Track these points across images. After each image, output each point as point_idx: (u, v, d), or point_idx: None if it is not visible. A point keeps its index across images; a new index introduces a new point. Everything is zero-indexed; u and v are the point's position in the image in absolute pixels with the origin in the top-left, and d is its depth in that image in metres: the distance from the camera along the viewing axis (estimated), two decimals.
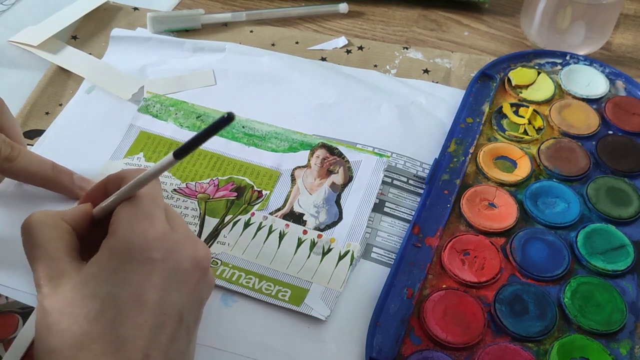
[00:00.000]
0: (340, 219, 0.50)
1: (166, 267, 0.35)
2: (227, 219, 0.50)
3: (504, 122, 0.58)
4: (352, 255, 0.48)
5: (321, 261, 0.47)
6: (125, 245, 0.34)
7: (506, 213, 0.50)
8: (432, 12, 0.71)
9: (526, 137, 0.56)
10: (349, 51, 0.65)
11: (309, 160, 0.54)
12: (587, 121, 0.58)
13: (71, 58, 0.62)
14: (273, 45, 0.66)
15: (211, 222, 0.49)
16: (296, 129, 0.56)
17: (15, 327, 0.42)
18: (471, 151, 0.55)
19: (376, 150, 0.55)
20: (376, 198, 0.51)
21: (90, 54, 0.63)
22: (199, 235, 0.48)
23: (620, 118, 0.58)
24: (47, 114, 0.57)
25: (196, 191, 0.51)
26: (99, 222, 0.39)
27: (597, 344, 0.44)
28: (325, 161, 0.54)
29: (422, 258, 0.48)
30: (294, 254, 0.48)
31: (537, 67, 0.63)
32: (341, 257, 0.48)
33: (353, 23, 0.70)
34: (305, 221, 0.50)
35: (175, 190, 0.51)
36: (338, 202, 0.51)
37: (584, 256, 0.48)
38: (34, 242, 0.36)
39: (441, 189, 0.52)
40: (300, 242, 0.48)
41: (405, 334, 0.44)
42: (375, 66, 0.64)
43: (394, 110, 0.59)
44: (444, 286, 0.46)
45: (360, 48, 0.66)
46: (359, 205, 0.51)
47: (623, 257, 0.48)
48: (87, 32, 0.66)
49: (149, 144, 0.55)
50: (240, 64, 0.62)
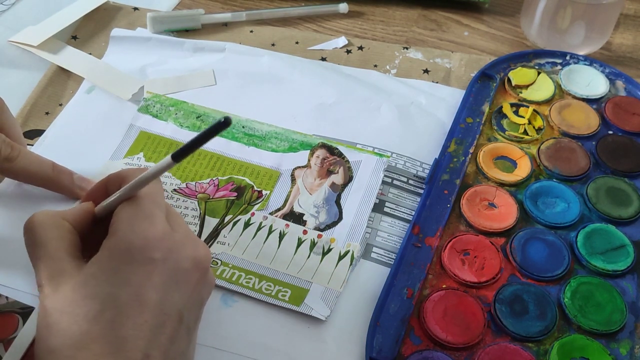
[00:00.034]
0: (340, 219, 0.50)
1: (166, 267, 0.35)
2: (227, 219, 0.50)
3: (504, 122, 0.58)
4: (352, 255, 0.48)
5: (321, 261, 0.47)
6: (125, 245, 0.35)
7: (506, 213, 0.50)
8: (432, 12, 0.71)
9: (526, 137, 0.56)
10: (349, 51, 0.65)
11: (309, 160, 0.54)
12: (587, 121, 0.58)
13: (71, 58, 0.62)
14: (273, 45, 0.66)
15: (211, 222, 0.49)
16: (296, 129, 0.56)
17: (15, 327, 0.42)
18: (471, 151, 0.55)
19: (376, 150, 0.55)
20: (376, 198, 0.51)
21: (90, 54, 0.63)
22: (199, 235, 0.48)
23: (620, 118, 0.58)
24: (47, 114, 0.57)
25: (196, 191, 0.51)
26: (101, 220, 0.39)
27: (597, 344, 0.43)
28: (325, 161, 0.54)
29: (422, 258, 0.48)
30: (294, 254, 0.48)
31: (537, 67, 0.63)
32: (341, 257, 0.48)
33: (353, 23, 0.69)
34: (305, 221, 0.50)
35: (175, 190, 0.51)
36: (338, 202, 0.51)
37: (584, 256, 0.48)
38: (36, 242, 0.36)
39: (441, 189, 0.52)
40: (300, 242, 0.48)
41: (405, 334, 0.44)
42: (375, 66, 0.64)
43: (394, 110, 0.59)
44: (444, 286, 0.46)
45: (360, 48, 0.66)
46: (359, 205, 0.51)
47: (623, 257, 0.48)
48: (87, 32, 0.66)
49: (149, 144, 0.55)
50: (240, 64, 0.62)
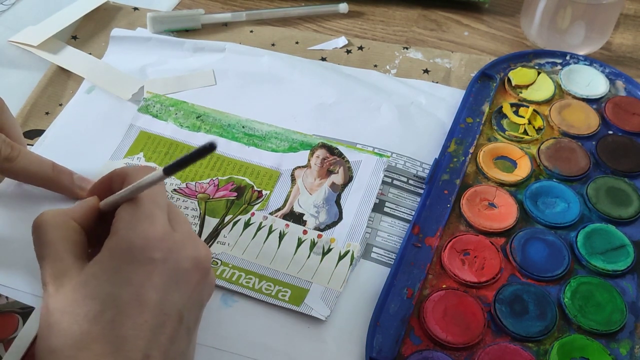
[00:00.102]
0: (340, 219, 0.50)
1: (166, 267, 0.35)
2: (227, 219, 0.50)
3: (504, 122, 0.58)
4: (352, 255, 0.48)
5: (321, 261, 0.47)
6: (126, 245, 0.35)
7: (506, 213, 0.50)
8: (432, 12, 0.71)
9: (526, 137, 0.56)
10: (349, 51, 0.65)
11: (309, 160, 0.54)
12: (587, 121, 0.58)
13: (71, 58, 0.62)
14: (273, 45, 0.66)
15: (211, 222, 0.49)
16: (296, 129, 0.56)
17: (15, 327, 0.42)
18: (471, 151, 0.55)
19: (376, 150, 0.55)
20: (376, 198, 0.51)
21: (90, 54, 0.63)
22: (199, 236, 0.48)
23: (620, 118, 0.58)
24: (47, 114, 0.57)
25: (196, 191, 0.51)
26: (106, 215, 0.39)
27: (597, 344, 0.43)
28: (325, 161, 0.54)
29: (422, 258, 0.48)
30: (294, 254, 0.48)
31: (537, 67, 0.63)
32: (341, 257, 0.48)
33: (353, 23, 0.69)
34: (305, 221, 0.50)
35: (175, 190, 0.51)
36: (338, 202, 0.51)
37: (584, 256, 0.48)
38: (42, 242, 0.37)
39: (441, 189, 0.52)
40: (300, 242, 0.48)
41: (405, 334, 0.44)
42: (375, 66, 0.64)
43: (394, 110, 0.59)
44: (444, 286, 0.46)
45: (360, 48, 0.66)
46: (359, 205, 0.51)
47: (623, 257, 0.48)
48: (87, 32, 0.66)
49: (149, 144, 0.55)
50: (240, 64, 0.62)
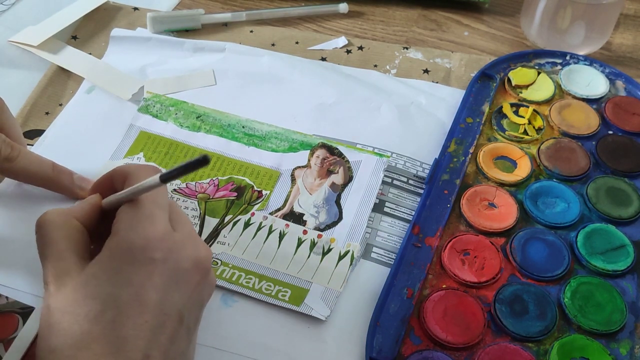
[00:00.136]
0: (340, 219, 0.50)
1: (166, 268, 0.35)
2: (227, 219, 0.50)
3: (504, 122, 0.58)
4: (352, 255, 0.48)
5: (321, 261, 0.47)
6: (126, 245, 0.35)
7: (506, 213, 0.50)
8: (432, 12, 0.71)
9: (526, 137, 0.56)
10: (349, 51, 0.65)
11: (309, 160, 0.54)
12: (587, 121, 0.58)
13: (71, 58, 0.62)
14: (273, 45, 0.66)
15: (211, 222, 0.49)
16: (296, 129, 0.56)
17: (15, 327, 0.42)
18: (471, 151, 0.55)
19: (376, 150, 0.55)
20: (376, 198, 0.51)
21: (90, 54, 0.63)
22: (199, 236, 0.48)
23: (620, 118, 0.58)
24: (47, 114, 0.57)
25: (196, 191, 0.51)
26: (108, 213, 0.40)
27: (597, 344, 0.44)
28: (325, 161, 0.54)
29: (422, 258, 0.48)
30: (294, 254, 0.48)
31: (537, 67, 0.63)
32: (341, 257, 0.48)
33: (353, 23, 0.69)
34: (305, 221, 0.50)
35: (175, 190, 0.51)
36: (338, 202, 0.51)
37: (584, 256, 0.48)
38: (45, 241, 0.37)
39: (441, 189, 0.52)
40: (300, 242, 0.48)
41: (405, 334, 0.44)
42: (375, 66, 0.64)
43: (394, 110, 0.59)
44: (444, 286, 0.46)
45: (360, 48, 0.66)
46: (359, 205, 0.51)
47: (623, 257, 0.48)
48: (87, 32, 0.66)
49: (149, 144, 0.55)
50: (240, 64, 0.62)
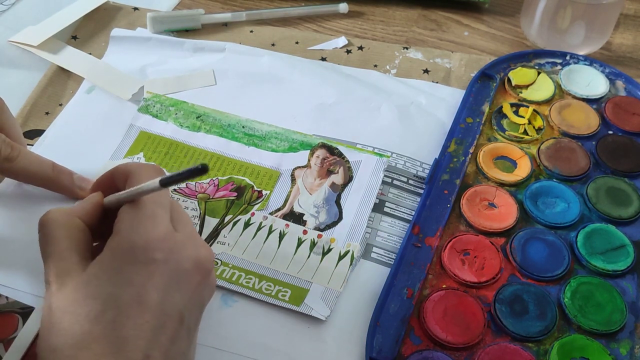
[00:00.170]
0: (340, 219, 0.50)
1: (167, 268, 0.35)
2: (227, 219, 0.50)
3: (504, 122, 0.58)
4: (352, 255, 0.48)
5: (321, 261, 0.47)
6: (127, 245, 0.35)
7: (506, 213, 0.50)
8: (432, 12, 0.71)
9: (526, 137, 0.56)
10: (349, 51, 0.65)
11: (309, 160, 0.54)
12: (587, 121, 0.58)
13: (71, 58, 0.62)
14: (273, 45, 0.66)
15: (211, 222, 0.49)
16: (296, 129, 0.56)
17: (15, 327, 0.42)
18: (471, 151, 0.55)
19: (376, 150, 0.55)
20: (376, 198, 0.51)
21: (90, 54, 0.63)
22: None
23: (620, 118, 0.58)
24: (47, 114, 0.57)
25: (196, 191, 0.51)
26: (109, 211, 0.40)
27: (597, 344, 0.44)
28: (325, 161, 0.54)
29: (422, 258, 0.48)
30: (294, 254, 0.48)
31: (537, 67, 0.63)
32: (341, 257, 0.48)
33: (353, 23, 0.69)
34: (305, 221, 0.50)
35: (175, 190, 0.51)
36: (338, 202, 0.51)
37: (584, 256, 0.48)
38: (47, 240, 0.37)
39: (441, 189, 0.52)
40: (300, 242, 0.48)
41: (405, 334, 0.44)
42: (375, 66, 0.64)
43: (394, 110, 0.59)
44: (444, 286, 0.46)
45: (360, 48, 0.66)
46: (359, 205, 0.51)
47: (623, 257, 0.48)
48: (87, 32, 0.66)
49: (149, 144, 0.55)
50: (240, 64, 0.62)
